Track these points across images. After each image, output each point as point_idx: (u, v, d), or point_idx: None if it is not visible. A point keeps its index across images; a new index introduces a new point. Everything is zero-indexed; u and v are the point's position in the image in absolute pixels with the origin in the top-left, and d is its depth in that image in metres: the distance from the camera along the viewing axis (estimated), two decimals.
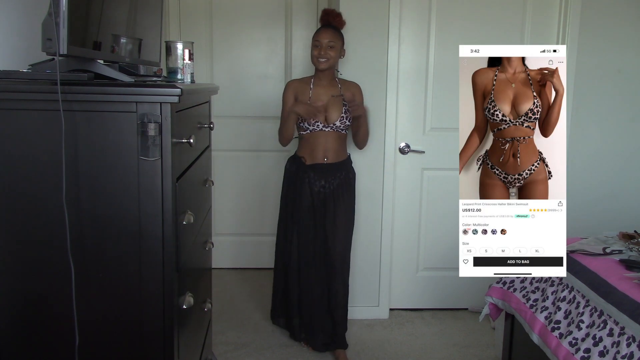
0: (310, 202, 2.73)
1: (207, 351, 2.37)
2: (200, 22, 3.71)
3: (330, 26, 2.72)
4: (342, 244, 2.78)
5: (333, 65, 2.72)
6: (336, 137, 2.74)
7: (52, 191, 1.40)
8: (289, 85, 2.80)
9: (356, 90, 2.83)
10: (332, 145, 2.74)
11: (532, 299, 2.21)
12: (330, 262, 2.76)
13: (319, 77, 2.75)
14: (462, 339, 2.99)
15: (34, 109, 1.40)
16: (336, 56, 2.70)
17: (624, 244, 2.29)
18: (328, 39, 2.66)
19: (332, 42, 2.67)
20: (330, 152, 2.74)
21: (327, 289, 2.77)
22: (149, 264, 1.48)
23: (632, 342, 1.67)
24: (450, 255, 3.28)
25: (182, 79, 1.87)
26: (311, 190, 2.73)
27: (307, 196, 2.73)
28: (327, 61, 2.67)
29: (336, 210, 2.74)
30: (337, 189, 2.75)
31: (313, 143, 2.74)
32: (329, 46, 2.66)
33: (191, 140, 1.62)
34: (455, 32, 3.06)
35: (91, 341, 1.49)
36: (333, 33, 2.69)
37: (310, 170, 2.73)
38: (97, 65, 1.55)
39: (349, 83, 2.84)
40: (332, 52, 2.67)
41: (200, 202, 1.99)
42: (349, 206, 2.82)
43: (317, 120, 2.68)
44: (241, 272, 3.90)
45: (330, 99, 2.73)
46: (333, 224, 2.74)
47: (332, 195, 2.74)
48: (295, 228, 2.77)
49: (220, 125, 3.13)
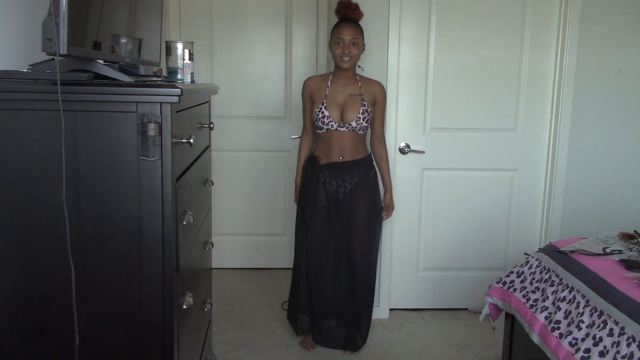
0: (325, 203, 2.66)
1: (207, 351, 2.37)
2: (200, 22, 3.71)
3: (349, 20, 2.57)
4: (362, 249, 2.69)
5: (356, 62, 2.60)
6: (353, 136, 2.64)
7: (52, 191, 1.40)
8: (306, 85, 2.71)
9: (378, 91, 2.70)
10: (348, 144, 2.64)
11: (532, 299, 2.21)
12: (351, 267, 2.69)
13: (337, 74, 2.64)
14: (462, 339, 2.99)
15: (34, 109, 1.40)
16: (359, 53, 2.57)
17: (624, 244, 2.29)
18: (351, 35, 2.52)
19: (355, 39, 2.53)
20: (347, 151, 2.64)
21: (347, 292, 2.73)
22: (149, 264, 1.48)
23: (632, 342, 1.67)
24: (450, 255, 3.29)
25: (182, 79, 1.87)
26: (325, 190, 2.65)
27: (322, 196, 2.65)
28: (350, 60, 2.55)
29: (354, 212, 2.65)
30: (355, 190, 2.65)
31: (328, 142, 2.65)
32: (352, 43, 2.53)
33: (191, 140, 1.62)
34: (455, 32, 3.06)
35: (91, 341, 1.49)
36: (355, 28, 2.55)
37: (325, 169, 2.65)
38: (97, 65, 1.55)
39: (371, 82, 2.71)
40: (355, 50, 2.54)
41: (200, 202, 1.99)
42: (371, 208, 2.70)
43: (332, 120, 2.60)
44: (241, 272, 3.90)
45: (348, 98, 2.63)
46: (351, 226, 2.66)
47: (350, 196, 2.65)
48: (307, 229, 2.71)
49: (220, 125, 3.14)
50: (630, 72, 3.08)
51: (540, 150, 3.19)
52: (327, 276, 2.72)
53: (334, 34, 2.58)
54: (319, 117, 2.62)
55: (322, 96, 2.64)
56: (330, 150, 2.66)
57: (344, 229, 2.68)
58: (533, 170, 3.22)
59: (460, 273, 3.31)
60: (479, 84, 3.12)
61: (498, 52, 3.08)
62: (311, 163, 2.72)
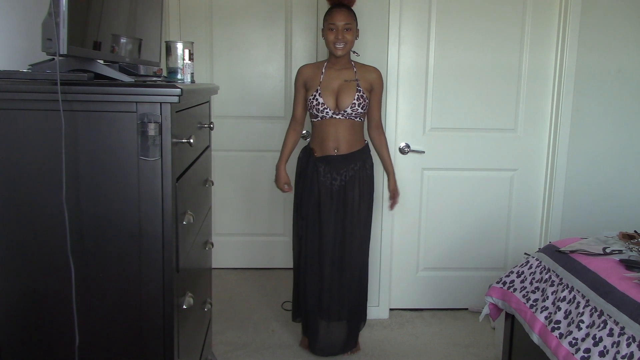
0: (317, 198, 2.60)
1: (207, 351, 2.37)
2: (200, 22, 3.71)
3: (342, 5, 2.49)
4: (359, 244, 2.65)
5: (350, 49, 2.54)
6: (349, 125, 2.56)
7: (52, 191, 1.40)
8: (300, 72, 2.64)
9: (375, 77, 2.61)
10: (343, 134, 2.56)
11: (532, 299, 2.21)
12: (347, 263, 2.64)
13: (332, 61, 2.57)
14: (462, 339, 2.99)
15: (34, 109, 1.40)
16: (353, 39, 2.50)
17: (624, 244, 2.29)
18: (344, 20, 2.45)
19: (348, 24, 2.46)
20: (342, 142, 2.57)
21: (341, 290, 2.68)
22: (149, 264, 1.48)
23: (632, 342, 1.67)
24: (451, 255, 3.29)
25: (182, 79, 1.87)
26: (319, 184, 2.59)
27: (315, 191, 2.60)
28: (344, 46, 2.48)
29: (348, 207, 2.59)
30: (350, 183, 2.59)
31: (323, 132, 2.58)
32: (345, 29, 2.46)
33: (191, 140, 1.62)
34: (455, 32, 3.06)
35: (91, 341, 1.49)
36: (347, 13, 2.47)
37: (320, 162, 2.59)
38: (97, 65, 1.55)
39: (367, 68, 2.62)
40: (349, 35, 2.47)
41: (200, 202, 1.99)
42: (367, 201, 2.65)
43: (327, 107, 2.54)
44: (241, 272, 3.90)
45: (343, 84, 2.55)
46: (348, 221, 2.61)
47: (344, 190, 2.58)
48: (302, 224, 2.66)
49: (220, 125, 3.14)
50: (630, 72, 3.08)
51: (540, 150, 3.19)
52: (324, 273, 2.66)
53: (326, 20, 2.50)
54: (314, 105, 2.56)
55: (317, 83, 2.57)
56: (325, 141, 2.58)
57: (336, 223, 2.62)
58: (533, 170, 3.22)
59: (460, 273, 3.31)
60: (479, 84, 3.12)
61: (498, 52, 3.08)
62: (306, 155, 2.66)
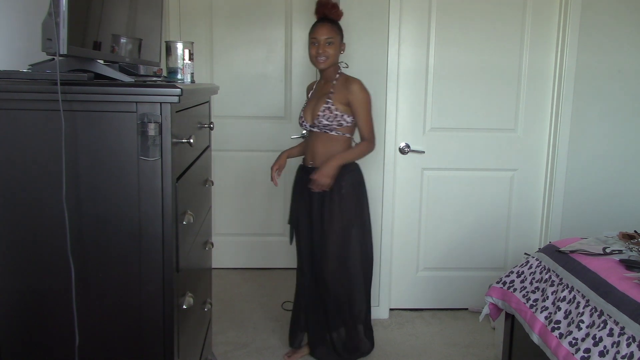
0: (296, 207, 2.65)
1: (207, 351, 2.37)
2: (200, 22, 3.71)
3: (326, 19, 2.50)
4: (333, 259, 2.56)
5: (333, 62, 2.51)
6: (324, 138, 2.52)
7: (52, 191, 1.40)
8: (307, 89, 2.77)
9: (353, 89, 2.49)
10: (317, 147, 2.54)
11: (532, 299, 2.21)
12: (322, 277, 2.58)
13: (322, 75, 2.59)
14: (462, 339, 2.99)
15: (34, 109, 1.40)
16: (336, 53, 2.49)
17: (624, 244, 2.29)
18: (326, 35, 2.45)
19: (331, 38, 2.45)
20: (316, 156, 2.54)
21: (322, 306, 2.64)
22: (149, 264, 1.48)
23: (632, 342, 1.67)
24: (450, 255, 3.29)
25: (182, 79, 1.87)
26: (301, 193, 2.61)
27: (297, 199, 2.65)
28: (326, 60, 2.47)
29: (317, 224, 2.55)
30: (321, 198, 2.52)
31: (305, 144, 2.68)
32: (327, 43, 2.45)
33: (191, 140, 1.62)
34: (455, 32, 3.06)
35: (91, 341, 1.49)
36: (330, 27, 2.47)
37: (301, 171, 2.65)
38: (97, 65, 1.55)
39: (348, 80, 2.53)
40: (331, 49, 2.46)
41: (200, 202, 1.99)
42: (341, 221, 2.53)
43: (304, 120, 2.58)
44: (241, 272, 3.89)
45: (320, 97, 2.55)
46: (320, 234, 2.55)
47: (320, 202, 2.54)
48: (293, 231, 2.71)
49: (220, 125, 3.13)
50: (630, 72, 3.08)
51: (540, 150, 3.19)
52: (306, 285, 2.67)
53: (310, 35, 2.50)
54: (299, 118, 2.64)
55: (307, 97, 2.70)
56: (306, 153, 2.64)
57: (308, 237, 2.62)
58: (533, 170, 3.22)
59: (460, 273, 3.31)
60: (479, 84, 3.12)
61: (498, 52, 3.08)
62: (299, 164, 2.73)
